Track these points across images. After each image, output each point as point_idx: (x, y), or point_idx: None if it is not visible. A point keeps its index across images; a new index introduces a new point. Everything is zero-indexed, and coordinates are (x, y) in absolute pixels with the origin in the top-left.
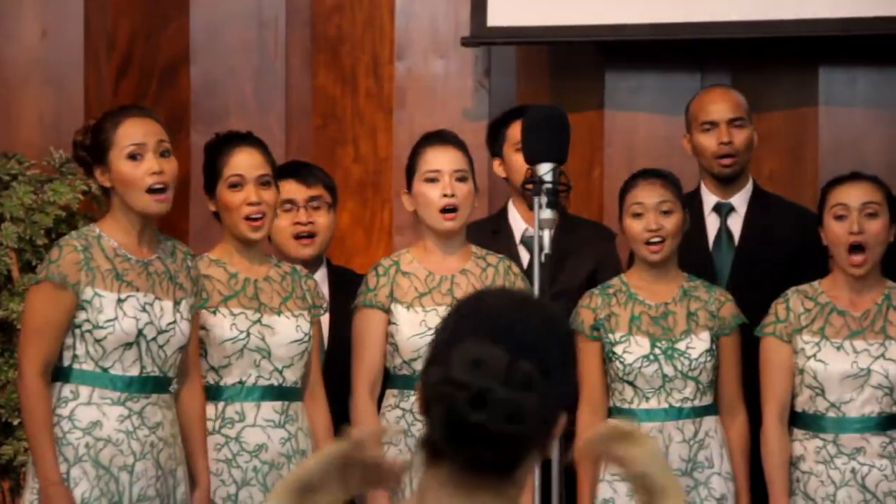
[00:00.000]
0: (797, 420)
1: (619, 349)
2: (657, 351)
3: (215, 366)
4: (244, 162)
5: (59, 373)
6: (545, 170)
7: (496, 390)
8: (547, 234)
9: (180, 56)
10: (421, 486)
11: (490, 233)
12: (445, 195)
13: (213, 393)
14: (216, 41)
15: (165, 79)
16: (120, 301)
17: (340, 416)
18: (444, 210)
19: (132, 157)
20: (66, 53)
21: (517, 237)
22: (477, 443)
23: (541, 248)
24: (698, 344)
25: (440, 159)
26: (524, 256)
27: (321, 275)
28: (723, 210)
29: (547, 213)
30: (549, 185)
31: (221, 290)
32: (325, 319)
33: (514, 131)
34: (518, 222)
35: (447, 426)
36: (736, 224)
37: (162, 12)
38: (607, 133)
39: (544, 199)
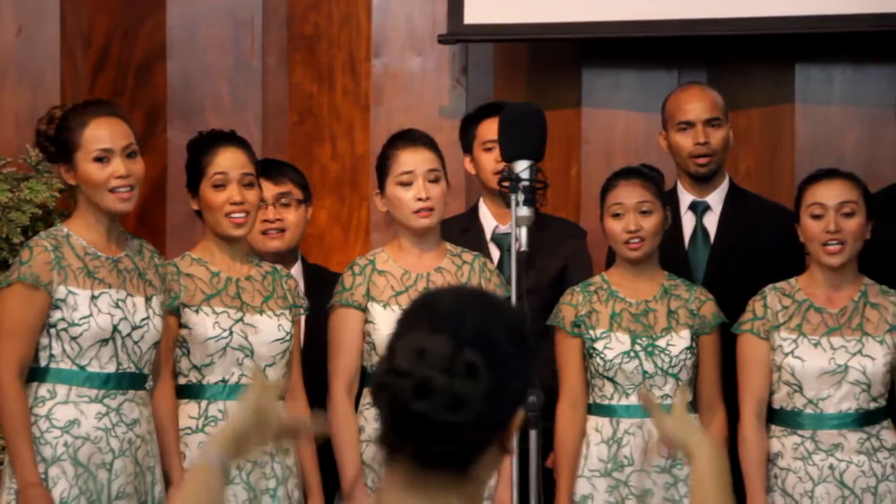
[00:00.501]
0: (775, 417)
1: (599, 345)
2: (637, 347)
3: (198, 364)
4: (228, 161)
5: (35, 373)
6: (522, 167)
7: (438, 379)
8: (524, 232)
9: (157, 53)
10: (379, 485)
11: (460, 231)
12: (420, 199)
13: (195, 391)
14: (193, 38)
15: (142, 76)
16: (93, 298)
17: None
18: (419, 211)
19: (99, 159)
20: (42, 51)
21: (488, 235)
22: (422, 433)
23: (518, 246)
24: (678, 341)
25: (413, 161)
26: (494, 254)
27: (296, 272)
28: (698, 208)
29: (524, 211)
30: (526, 183)
31: (204, 288)
32: None
33: (484, 130)
34: (489, 220)
35: (391, 416)
36: (711, 222)
37: (138, 10)
38: (585, 130)
39: (521, 197)
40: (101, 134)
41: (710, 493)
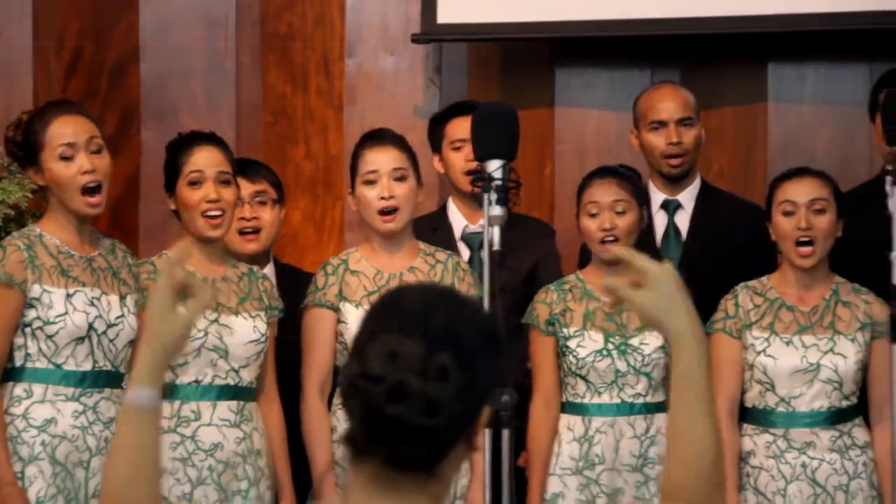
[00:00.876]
0: (747, 415)
1: (572, 343)
2: (610, 346)
3: (171, 364)
4: (204, 159)
5: (10, 373)
6: (495, 167)
7: (412, 382)
8: (497, 231)
9: (130, 54)
10: (346, 485)
11: (430, 230)
12: (383, 197)
13: (168, 391)
14: (166, 39)
15: (115, 77)
16: (68, 296)
17: (287, 414)
18: (383, 212)
19: (64, 157)
20: (15, 52)
21: (457, 234)
22: (396, 437)
23: (490, 246)
24: (651, 340)
25: (377, 160)
26: (464, 253)
27: (268, 273)
28: (670, 207)
29: (497, 210)
30: (499, 182)
31: None
32: None
33: (452, 129)
34: (458, 219)
35: (365, 420)
36: (683, 221)
37: (111, 10)
38: (558, 130)
39: (494, 196)
40: (64, 130)
41: (695, 393)
